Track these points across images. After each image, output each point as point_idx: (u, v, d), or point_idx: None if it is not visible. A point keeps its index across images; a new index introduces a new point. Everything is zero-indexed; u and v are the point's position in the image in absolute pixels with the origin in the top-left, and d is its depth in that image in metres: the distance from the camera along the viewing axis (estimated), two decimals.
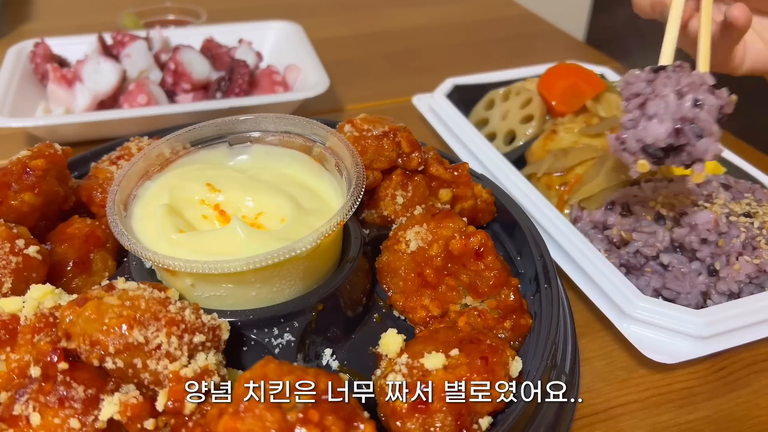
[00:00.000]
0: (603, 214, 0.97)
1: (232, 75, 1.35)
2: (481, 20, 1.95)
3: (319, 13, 1.96)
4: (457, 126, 1.21)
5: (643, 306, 0.83)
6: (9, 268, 0.64)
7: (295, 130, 0.80)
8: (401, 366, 0.60)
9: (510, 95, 1.26)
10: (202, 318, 0.59)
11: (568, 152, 1.08)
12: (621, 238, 0.93)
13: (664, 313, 0.83)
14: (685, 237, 0.88)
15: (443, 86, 1.32)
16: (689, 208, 0.91)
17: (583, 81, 1.21)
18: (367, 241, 0.80)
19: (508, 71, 1.37)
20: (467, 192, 0.84)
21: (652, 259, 0.91)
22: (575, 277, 0.92)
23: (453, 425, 0.57)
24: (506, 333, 0.69)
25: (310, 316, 0.67)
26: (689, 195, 0.94)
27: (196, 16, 1.77)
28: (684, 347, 0.82)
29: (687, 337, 0.82)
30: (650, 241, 0.91)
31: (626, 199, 0.97)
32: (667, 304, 0.84)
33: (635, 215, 0.94)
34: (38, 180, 0.74)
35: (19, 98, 1.27)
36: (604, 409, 0.81)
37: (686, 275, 0.89)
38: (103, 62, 1.32)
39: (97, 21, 1.73)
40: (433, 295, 0.72)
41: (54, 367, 0.54)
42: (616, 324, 0.85)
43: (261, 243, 0.64)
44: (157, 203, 0.70)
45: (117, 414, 0.53)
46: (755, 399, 0.83)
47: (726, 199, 0.93)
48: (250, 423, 0.48)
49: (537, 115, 1.20)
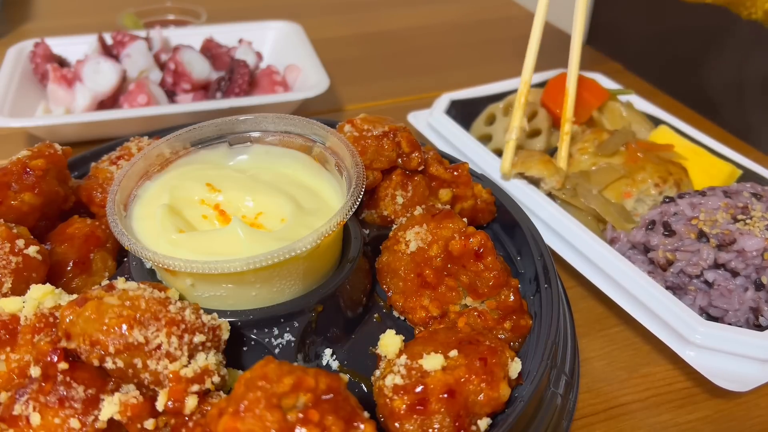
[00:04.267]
0: (644, 235, 0.94)
1: (232, 75, 1.35)
2: (481, 20, 1.95)
3: (319, 13, 1.96)
4: (463, 144, 1.16)
5: (703, 331, 0.80)
6: (9, 268, 0.64)
7: (295, 130, 0.80)
8: (400, 367, 0.60)
9: (511, 109, 1.20)
10: (202, 318, 0.59)
11: (590, 175, 1.05)
12: (666, 259, 0.91)
13: (728, 338, 0.80)
14: (732, 261, 0.86)
15: (440, 102, 1.26)
16: (732, 226, 0.88)
17: (586, 91, 1.20)
18: (367, 241, 0.80)
19: (504, 82, 1.33)
20: (467, 192, 0.84)
21: (695, 277, 0.89)
22: (624, 303, 0.89)
23: (451, 426, 0.56)
24: (506, 334, 0.69)
25: (310, 316, 0.67)
26: (728, 209, 0.91)
27: (196, 16, 1.77)
28: (753, 372, 0.79)
29: (755, 361, 0.79)
30: (694, 260, 0.88)
31: (666, 217, 0.95)
32: (730, 327, 0.82)
33: (678, 235, 0.91)
34: (38, 180, 0.74)
35: (19, 98, 1.27)
36: (604, 409, 0.81)
37: (733, 292, 0.86)
38: (103, 62, 1.32)
39: (97, 21, 1.74)
40: (433, 296, 0.72)
41: (54, 367, 0.54)
42: (678, 352, 0.82)
43: (261, 243, 0.64)
44: (157, 203, 0.70)
45: (117, 414, 0.53)
46: (755, 399, 0.83)
47: (762, 210, 0.91)
48: (250, 423, 0.48)
49: (544, 128, 1.17)
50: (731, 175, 1.09)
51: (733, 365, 0.80)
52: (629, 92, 1.28)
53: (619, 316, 0.94)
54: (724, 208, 0.92)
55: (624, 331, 0.92)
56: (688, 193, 0.98)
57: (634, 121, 1.20)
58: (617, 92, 1.26)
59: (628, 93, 1.28)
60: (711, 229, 0.89)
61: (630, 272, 0.89)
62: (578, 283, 0.99)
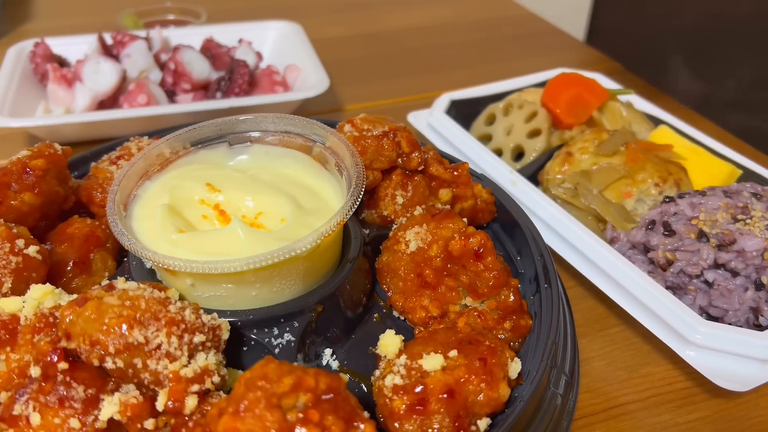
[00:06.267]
0: (644, 235, 0.94)
1: (232, 75, 1.35)
2: (481, 20, 1.95)
3: (319, 13, 1.96)
4: (463, 144, 1.16)
5: (703, 331, 0.80)
6: (9, 268, 0.64)
7: (295, 130, 0.80)
8: (399, 367, 0.60)
9: (511, 109, 1.23)
10: (202, 318, 0.59)
11: (591, 175, 1.05)
12: (666, 259, 0.91)
13: (728, 337, 0.80)
14: (732, 261, 0.86)
15: (440, 102, 1.26)
16: (732, 226, 0.88)
17: (586, 91, 1.20)
18: (367, 241, 0.80)
19: (504, 82, 1.33)
20: (467, 192, 0.84)
21: (695, 277, 0.89)
22: (624, 303, 0.89)
23: (451, 426, 0.56)
24: (506, 334, 0.69)
25: (310, 316, 0.67)
26: (728, 209, 0.92)
27: (196, 16, 1.77)
28: (753, 372, 0.79)
29: (755, 361, 0.79)
30: (693, 259, 0.89)
31: (666, 217, 0.95)
32: (730, 327, 0.82)
33: (678, 234, 0.91)
34: (38, 180, 0.74)
35: (19, 98, 1.27)
36: (604, 409, 0.81)
37: (733, 291, 0.86)
38: (103, 62, 1.32)
39: (97, 21, 1.74)
40: (433, 296, 0.72)
41: (54, 367, 0.54)
42: (678, 352, 0.82)
43: (261, 243, 0.64)
44: (157, 203, 0.70)
45: (117, 414, 0.53)
46: (755, 399, 0.83)
47: (762, 210, 0.91)
48: (250, 423, 0.48)
49: (544, 128, 1.17)
50: (731, 175, 1.09)
51: (733, 365, 0.80)
52: (629, 92, 1.28)
53: (619, 316, 0.94)
54: (724, 208, 0.92)
55: (624, 331, 0.92)
56: (688, 193, 0.98)
57: (634, 121, 1.20)
58: (617, 92, 1.26)
59: (628, 93, 1.28)
60: (711, 229, 0.89)
61: (630, 272, 0.89)
62: (578, 283, 0.99)
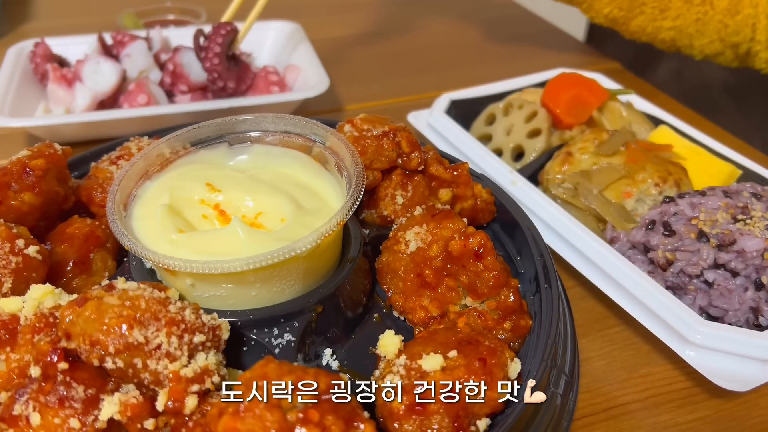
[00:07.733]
0: (644, 235, 0.94)
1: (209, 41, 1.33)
2: (481, 20, 1.95)
3: (319, 13, 1.96)
4: (463, 144, 1.16)
5: (703, 331, 0.80)
6: (9, 268, 0.64)
7: (295, 130, 0.80)
8: (399, 367, 0.60)
9: (511, 109, 1.23)
10: (202, 318, 0.59)
11: (591, 175, 1.05)
12: (666, 259, 0.91)
13: (728, 337, 0.80)
14: (732, 261, 0.86)
15: (440, 102, 1.25)
16: (732, 226, 0.88)
17: (586, 91, 1.20)
18: (367, 241, 0.80)
19: (504, 82, 1.33)
20: (467, 192, 0.84)
21: (695, 277, 0.89)
22: (624, 303, 0.89)
23: (450, 427, 0.56)
24: (506, 334, 0.69)
25: (310, 316, 0.67)
26: (728, 209, 0.91)
27: (196, 16, 1.77)
28: (753, 372, 0.79)
29: (755, 361, 0.79)
30: (693, 259, 0.88)
31: (666, 217, 0.94)
32: (730, 327, 0.82)
33: (678, 234, 0.91)
34: (38, 180, 0.74)
35: (19, 98, 1.27)
36: (604, 409, 0.81)
37: (733, 291, 0.86)
38: (103, 62, 1.32)
39: (97, 21, 1.73)
40: (433, 296, 0.72)
41: (54, 367, 0.54)
42: (678, 351, 0.82)
43: (261, 243, 0.64)
44: (157, 203, 0.70)
45: (117, 414, 0.53)
46: (755, 399, 0.83)
47: (762, 210, 0.91)
48: (250, 423, 0.48)
49: (544, 128, 1.17)
50: (731, 175, 1.08)
51: (733, 365, 0.80)
52: (629, 92, 1.28)
53: (619, 316, 0.94)
54: (724, 208, 0.92)
55: (624, 331, 0.92)
56: (688, 193, 0.98)
57: (634, 121, 1.20)
58: (617, 92, 1.26)
59: (628, 93, 1.28)
60: (711, 229, 0.89)
61: (630, 272, 0.88)
62: (578, 283, 0.99)
